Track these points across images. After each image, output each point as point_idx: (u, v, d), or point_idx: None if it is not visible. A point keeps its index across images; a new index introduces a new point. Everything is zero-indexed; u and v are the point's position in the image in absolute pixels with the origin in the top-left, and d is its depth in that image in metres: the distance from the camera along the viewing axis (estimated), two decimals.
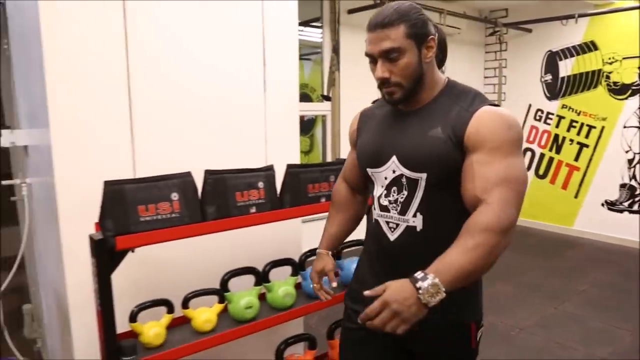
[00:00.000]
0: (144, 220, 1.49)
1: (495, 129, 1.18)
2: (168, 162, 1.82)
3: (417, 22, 1.23)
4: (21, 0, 1.95)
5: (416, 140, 1.27)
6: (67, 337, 1.88)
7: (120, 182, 1.47)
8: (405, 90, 1.26)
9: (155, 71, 1.86)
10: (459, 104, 1.25)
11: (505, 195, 1.13)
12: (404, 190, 1.29)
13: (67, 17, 1.65)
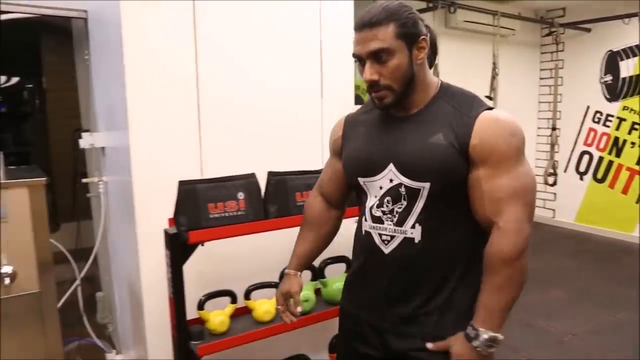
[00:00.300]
0: (213, 217, 1.63)
1: (499, 139, 1.15)
2: (232, 164, 1.96)
3: (407, 21, 1.17)
4: (103, 15, 2.16)
5: (416, 147, 1.20)
6: (139, 322, 2.05)
7: (193, 182, 1.62)
8: (396, 93, 1.20)
9: (220, 80, 2.01)
10: (457, 109, 1.20)
11: (516, 213, 1.14)
12: (403, 200, 1.23)
13: (145, 32, 1.82)
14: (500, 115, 1.18)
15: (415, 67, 1.19)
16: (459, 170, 1.17)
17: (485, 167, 1.15)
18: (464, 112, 1.19)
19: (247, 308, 1.90)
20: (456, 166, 1.17)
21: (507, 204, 1.14)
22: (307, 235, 1.52)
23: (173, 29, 1.88)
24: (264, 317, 1.89)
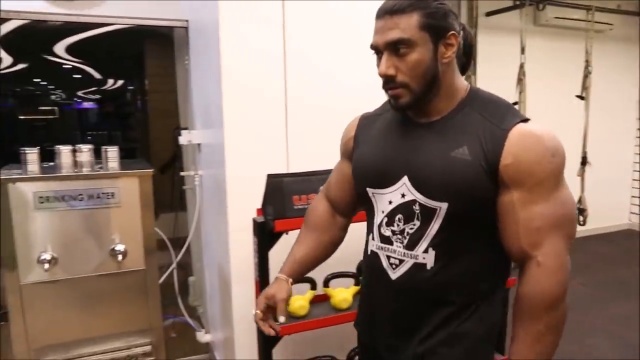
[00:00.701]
0: (297, 208, 1.77)
1: (538, 159, 0.97)
2: (315, 160, 2.10)
3: (435, 12, 1.00)
4: (203, 24, 2.38)
5: (436, 160, 1.03)
6: (228, 304, 2.25)
7: (280, 175, 1.77)
8: (415, 94, 1.03)
9: (305, 81, 2.15)
10: (487, 119, 1.02)
11: (557, 246, 0.98)
12: (416, 220, 1.06)
13: (240, 38, 2.00)
14: (538, 130, 1.00)
15: (440, 66, 1.03)
16: (484, 191, 1.00)
17: (521, 191, 0.98)
18: (495, 123, 1.01)
19: (326, 295, 2.03)
20: (481, 186, 1.00)
21: (548, 235, 0.98)
22: (307, 239, 1.34)
23: (264, 35, 2.04)
24: (341, 305, 2.00)
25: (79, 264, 1.83)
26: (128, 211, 1.86)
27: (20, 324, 1.80)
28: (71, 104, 9.01)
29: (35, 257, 1.76)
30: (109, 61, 7.28)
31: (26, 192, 1.72)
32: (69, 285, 1.83)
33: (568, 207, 1.01)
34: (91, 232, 1.83)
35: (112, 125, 8.68)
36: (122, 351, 1.96)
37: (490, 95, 1.09)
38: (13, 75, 6.82)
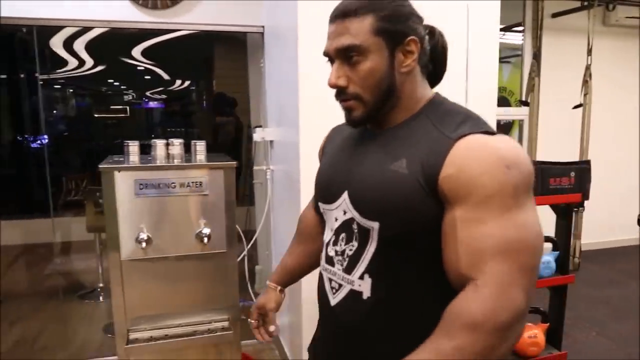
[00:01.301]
0: None
1: (487, 169, 0.80)
2: None
3: (392, 15, 0.90)
4: (279, 30, 2.58)
5: (373, 174, 0.92)
6: (295, 291, 2.42)
7: None
8: (368, 106, 0.93)
9: None
10: (438, 128, 0.88)
11: (504, 273, 0.78)
12: (354, 241, 0.95)
13: (315, 44, 2.16)
14: (494, 140, 0.83)
15: (397, 75, 0.92)
16: (422, 210, 0.85)
17: (464, 207, 0.81)
18: (445, 132, 0.87)
19: None
20: (418, 204, 0.85)
21: (492, 260, 0.79)
22: (295, 248, 1.33)
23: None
24: None
25: (170, 244, 2.06)
26: (213, 199, 2.07)
27: (119, 296, 2.05)
28: (140, 104, 9.55)
29: (134, 237, 2.00)
30: (179, 63, 7.71)
31: (128, 179, 1.96)
32: (160, 263, 2.07)
33: (526, 232, 0.81)
34: (181, 216, 2.05)
35: (177, 123, 9.14)
36: (203, 325, 2.18)
37: (455, 106, 0.95)
38: (92, 77, 7.37)
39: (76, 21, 2.77)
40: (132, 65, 7.42)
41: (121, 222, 1.98)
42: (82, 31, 5.42)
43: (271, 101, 2.90)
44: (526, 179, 0.82)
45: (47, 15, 2.72)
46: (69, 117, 7.60)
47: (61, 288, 4.54)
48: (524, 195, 0.82)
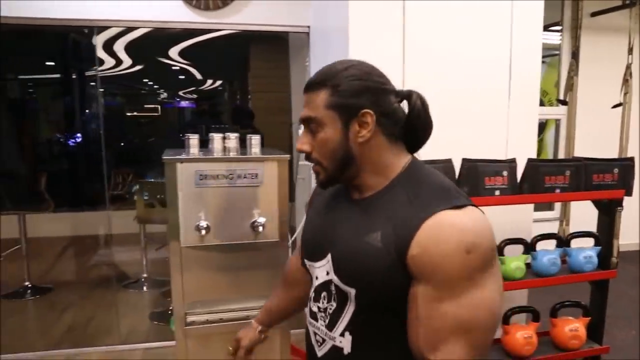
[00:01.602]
0: None
1: (448, 253, 0.85)
2: (431, 149, 2.30)
3: (346, 90, 0.95)
4: (326, 30, 2.68)
5: (351, 243, 0.98)
6: None
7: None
8: (328, 172, 1.00)
9: (422, 80, 2.35)
10: (412, 202, 0.92)
11: (455, 352, 0.86)
12: (333, 301, 1.01)
13: (364, 41, 2.26)
14: (459, 221, 0.88)
15: (353, 145, 0.97)
16: (393, 280, 0.90)
17: (426, 285, 0.87)
18: (417, 208, 0.91)
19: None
20: (389, 276, 0.91)
21: (447, 340, 0.86)
22: (280, 292, 1.39)
23: (385, 38, 2.29)
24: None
25: (226, 233, 2.17)
26: (268, 190, 2.18)
27: (178, 281, 2.17)
28: (172, 103, 9.78)
29: (194, 225, 2.12)
30: (214, 63, 7.88)
31: (190, 170, 2.09)
32: (216, 250, 2.18)
33: (479, 312, 0.86)
34: (237, 206, 2.16)
35: (207, 121, 9.33)
36: (254, 310, 2.28)
37: (430, 175, 0.99)
38: (128, 76, 7.61)
39: (133, 22, 2.93)
40: (167, 65, 7.63)
41: (182, 210, 2.11)
42: (124, 31, 5.63)
43: None
44: (486, 258, 0.87)
45: (102, 16, 2.88)
46: (104, 115, 7.85)
47: (107, 278, 4.74)
48: (482, 274, 0.87)
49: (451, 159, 2.09)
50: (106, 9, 2.86)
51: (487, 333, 0.89)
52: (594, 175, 2.30)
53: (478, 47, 2.43)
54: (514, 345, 2.41)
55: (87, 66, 6.35)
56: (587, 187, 2.28)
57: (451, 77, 2.40)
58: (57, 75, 7.30)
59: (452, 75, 2.40)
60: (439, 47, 2.37)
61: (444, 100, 2.40)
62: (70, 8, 2.78)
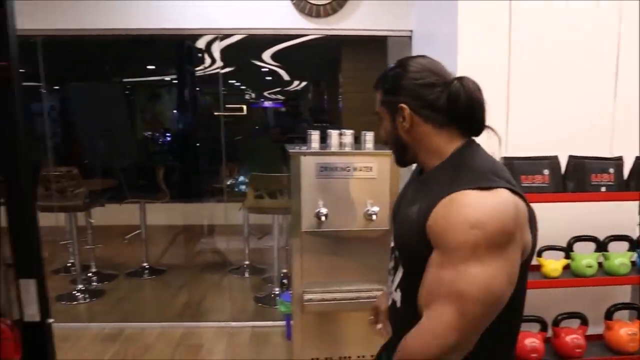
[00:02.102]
0: (524, 186, 2.13)
1: (452, 227, 0.95)
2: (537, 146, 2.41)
3: (388, 88, 1.11)
4: (430, 33, 2.85)
5: (402, 213, 1.15)
6: None
7: (510, 159, 2.13)
8: (394, 155, 1.21)
9: (528, 78, 2.47)
10: (447, 182, 1.03)
11: (443, 312, 0.94)
12: (393, 262, 1.20)
13: (472, 44, 2.41)
14: (468, 200, 0.97)
15: (402, 134, 1.12)
16: (421, 248, 1.02)
17: (437, 253, 0.99)
18: (445, 188, 1.01)
19: (538, 265, 2.35)
20: (418, 244, 1.03)
21: (438, 301, 0.96)
22: None
23: (491, 41, 2.43)
24: (551, 273, 2.32)
25: (342, 220, 2.41)
26: (380, 182, 2.39)
27: (298, 263, 2.45)
28: (257, 103, 10.21)
29: (313, 212, 2.38)
30: (304, 65, 8.20)
31: (311, 163, 2.35)
32: (332, 236, 2.43)
33: (474, 286, 0.93)
34: (352, 196, 2.40)
35: (289, 122, 9.68)
36: (363, 292, 2.51)
37: (473, 159, 1.08)
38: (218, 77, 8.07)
39: (251, 29, 3.27)
40: (256, 67, 8.04)
41: (304, 198, 2.37)
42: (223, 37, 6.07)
43: None
44: (493, 238, 0.93)
45: (224, 25, 3.23)
46: (201, 114, 8.37)
47: (213, 264, 5.19)
48: (488, 253, 0.93)
49: (557, 155, 2.20)
50: (227, 19, 3.19)
51: (479, 307, 0.94)
52: None
53: (584, 46, 2.49)
54: (618, 341, 2.46)
55: (191, 68, 6.88)
56: None
57: (557, 76, 2.49)
58: (166, 77, 7.95)
59: (558, 74, 2.49)
60: (545, 47, 2.47)
61: (550, 99, 2.51)
62: (198, 18, 3.15)
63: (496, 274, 0.94)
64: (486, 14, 2.40)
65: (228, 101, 9.06)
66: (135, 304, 4.11)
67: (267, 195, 3.83)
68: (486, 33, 2.42)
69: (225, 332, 3.49)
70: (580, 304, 2.54)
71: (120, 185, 5.27)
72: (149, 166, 5.75)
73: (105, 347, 3.23)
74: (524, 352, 2.37)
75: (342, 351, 2.59)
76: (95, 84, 6.95)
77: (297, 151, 2.35)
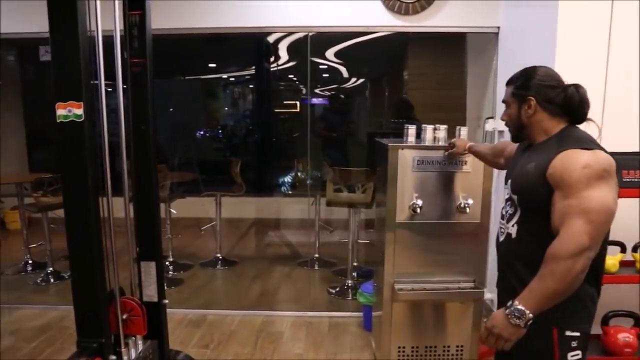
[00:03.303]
0: (625, 181, 2.12)
1: (569, 169, 1.36)
2: (627, 140, 2.38)
3: (521, 86, 1.54)
4: (518, 29, 2.85)
5: (520, 170, 1.55)
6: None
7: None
8: (512, 133, 1.63)
9: (627, 77, 2.45)
10: (557, 146, 1.44)
11: (575, 224, 1.32)
12: (510, 207, 1.60)
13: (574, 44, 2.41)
14: (579, 151, 1.39)
15: (523, 118, 1.55)
16: (538, 189, 1.44)
17: (559, 191, 1.39)
18: (558, 149, 1.43)
19: (633, 260, 2.34)
20: (536, 186, 1.45)
21: (571, 218, 1.33)
22: (487, 147, 2.21)
23: (589, 34, 2.42)
24: (611, 269, 2.32)
25: (435, 212, 2.47)
26: (474, 176, 2.43)
27: (391, 252, 2.52)
28: (308, 99, 10.20)
29: (408, 204, 2.44)
30: (364, 63, 8.21)
31: (408, 156, 2.41)
32: (426, 227, 2.49)
33: (593, 202, 1.33)
34: (446, 189, 2.45)
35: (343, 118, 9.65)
36: (452, 283, 2.56)
37: (577, 134, 1.50)
38: (279, 72, 8.19)
39: (342, 27, 3.37)
40: (316, 64, 8.10)
41: (399, 190, 2.44)
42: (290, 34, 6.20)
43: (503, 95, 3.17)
44: (599, 173, 1.35)
45: (316, 23, 3.34)
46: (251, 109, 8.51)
47: (283, 256, 5.33)
48: (597, 182, 1.34)
49: None
50: (319, 17, 3.30)
51: (601, 215, 1.33)
52: None
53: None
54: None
55: (267, 65, 7.04)
56: None
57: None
58: (243, 72, 8.17)
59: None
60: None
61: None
62: (291, 17, 3.28)
63: (606, 194, 1.35)
64: (586, 12, 2.40)
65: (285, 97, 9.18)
66: (213, 293, 4.30)
67: (346, 189, 3.91)
68: (585, 31, 2.42)
69: (303, 321, 3.61)
70: None
71: (199, 178, 5.48)
72: (225, 160, 5.95)
73: (191, 332, 3.41)
74: (617, 347, 2.35)
75: (429, 341, 2.64)
76: (175, 80, 7.23)
77: (396, 145, 2.42)
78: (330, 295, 4.10)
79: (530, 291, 1.37)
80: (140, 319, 2.03)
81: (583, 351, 1.49)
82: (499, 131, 3.16)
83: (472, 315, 2.61)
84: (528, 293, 1.37)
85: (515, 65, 3.01)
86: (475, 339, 2.63)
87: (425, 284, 2.55)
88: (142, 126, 2.03)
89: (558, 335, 1.47)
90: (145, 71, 1.98)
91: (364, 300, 3.30)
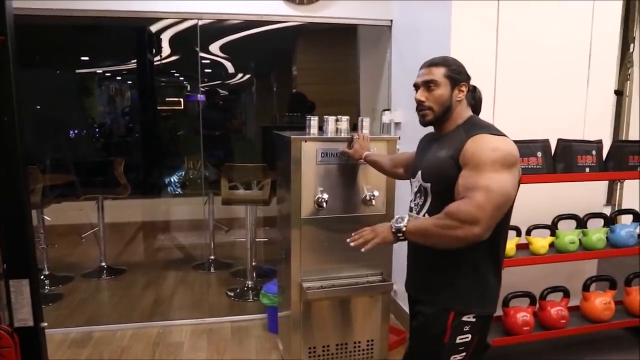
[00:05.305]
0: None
1: (480, 149, 1.45)
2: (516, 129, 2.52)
3: (455, 70, 1.60)
4: (411, 23, 2.91)
5: (431, 159, 1.64)
6: None
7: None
8: (435, 114, 1.61)
9: (513, 72, 2.60)
10: (465, 133, 1.54)
11: (481, 198, 1.39)
12: (420, 198, 1.66)
13: (461, 34, 2.49)
14: (489, 136, 1.50)
15: (453, 101, 1.60)
16: (451, 174, 1.51)
17: (466, 168, 1.47)
18: (468, 135, 1.52)
19: (527, 243, 2.48)
20: (449, 171, 1.52)
21: (471, 191, 1.42)
22: (387, 159, 2.24)
23: (479, 31, 2.53)
24: (539, 250, 2.47)
25: (341, 205, 2.43)
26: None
27: (297, 250, 2.43)
28: (194, 96, 9.84)
29: (312, 198, 2.37)
30: (253, 57, 8.02)
31: (312, 149, 2.34)
32: (332, 221, 2.43)
33: (494, 184, 1.41)
34: (351, 181, 2.42)
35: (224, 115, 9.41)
36: (360, 277, 2.54)
37: (483, 122, 1.62)
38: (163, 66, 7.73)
39: (232, 15, 3.20)
40: (202, 59, 7.75)
41: (304, 185, 2.36)
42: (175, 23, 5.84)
43: (398, 87, 3.24)
44: (504, 158, 1.45)
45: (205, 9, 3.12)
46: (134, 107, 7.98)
47: (175, 260, 5.01)
48: (502, 168, 1.44)
49: (548, 139, 2.33)
50: (211, 3, 3.10)
51: (499, 197, 1.41)
52: None
53: (561, 40, 2.66)
54: (593, 311, 2.65)
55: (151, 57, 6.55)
56: None
57: (538, 68, 2.64)
58: (121, 67, 7.54)
59: (538, 66, 2.64)
60: (528, 40, 2.61)
61: (531, 88, 2.65)
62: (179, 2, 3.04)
63: (507, 180, 1.44)
64: (477, 9, 2.50)
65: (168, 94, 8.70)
66: (99, 306, 3.89)
67: (242, 187, 3.76)
68: (476, 27, 2.52)
69: (203, 328, 3.40)
70: (561, 278, 2.72)
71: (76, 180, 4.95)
72: (106, 160, 5.43)
73: (75, 353, 3.04)
74: (517, 327, 2.50)
75: (339, 339, 2.60)
76: (48, 71, 6.44)
77: (298, 137, 2.33)
78: (230, 299, 3.92)
79: (420, 221, 1.56)
80: (11, 350, 1.71)
81: (480, 334, 1.59)
82: (396, 122, 3.21)
83: (381, 309, 2.62)
84: (418, 220, 1.58)
85: (411, 59, 3.12)
86: (385, 332, 2.64)
87: (333, 281, 2.50)
88: (5, 117, 1.69)
89: (453, 319, 1.56)
90: (6, 50, 1.64)
91: (268, 302, 3.18)
